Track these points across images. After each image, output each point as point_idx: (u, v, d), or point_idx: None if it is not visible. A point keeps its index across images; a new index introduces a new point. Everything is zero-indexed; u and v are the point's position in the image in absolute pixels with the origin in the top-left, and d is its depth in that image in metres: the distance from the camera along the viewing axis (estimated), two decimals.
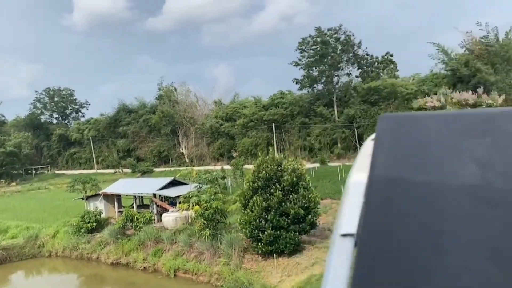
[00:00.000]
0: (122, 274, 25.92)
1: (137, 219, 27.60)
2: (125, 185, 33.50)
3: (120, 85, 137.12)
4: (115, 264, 26.57)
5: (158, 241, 25.93)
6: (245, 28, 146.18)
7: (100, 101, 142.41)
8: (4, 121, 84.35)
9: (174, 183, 31.11)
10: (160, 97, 72.59)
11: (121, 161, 70.07)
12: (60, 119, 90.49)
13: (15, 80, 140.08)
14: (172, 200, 29.57)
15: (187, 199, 26.58)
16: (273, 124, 58.37)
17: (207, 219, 22.81)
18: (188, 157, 67.42)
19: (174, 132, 69.53)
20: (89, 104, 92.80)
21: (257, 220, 20.70)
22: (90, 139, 76.53)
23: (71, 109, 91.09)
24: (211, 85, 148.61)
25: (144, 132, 71.45)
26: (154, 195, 29.78)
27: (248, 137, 60.86)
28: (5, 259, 28.97)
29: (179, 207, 27.56)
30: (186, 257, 23.86)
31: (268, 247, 20.71)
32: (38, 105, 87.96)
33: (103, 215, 30.58)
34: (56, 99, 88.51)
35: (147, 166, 63.68)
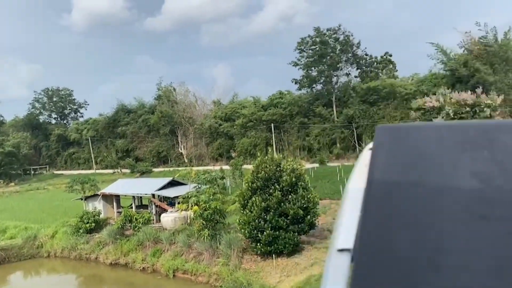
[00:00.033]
0: (121, 275, 25.89)
1: (136, 220, 27.59)
2: (124, 186, 33.47)
3: (119, 85, 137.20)
4: (114, 265, 26.54)
5: (157, 242, 25.92)
6: (244, 28, 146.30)
7: (99, 101, 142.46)
8: (3, 121, 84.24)
9: (173, 184, 31.12)
10: (159, 97, 72.49)
11: (120, 161, 69.98)
12: (59, 119, 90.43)
13: (14, 80, 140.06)
14: (171, 201, 29.54)
15: (186, 200, 26.56)
16: (272, 124, 58.34)
17: (206, 220, 22.79)
18: (187, 157, 67.38)
19: (173, 132, 69.47)
20: (88, 104, 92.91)
21: (256, 221, 20.67)
22: (89, 139, 76.45)
23: (70, 109, 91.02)
24: (210, 85, 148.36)
25: (143, 132, 71.37)
26: (153, 196, 29.75)
27: (247, 137, 60.82)
28: (4, 260, 28.92)
29: (178, 208, 27.53)
30: (185, 258, 23.85)
31: (267, 248, 20.69)
32: (37, 105, 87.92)
33: (102, 216, 30.57)
34: (55, 99, 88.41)
35: (146, 166, 63.60)
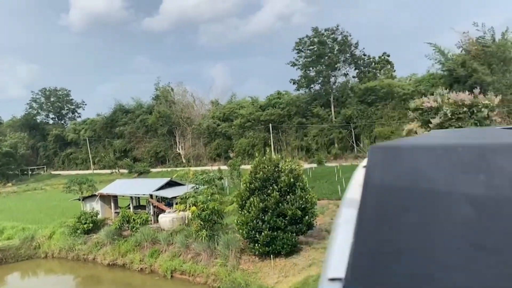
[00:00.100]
0: (119, 275, 25.83)
1: (134, 220, 27.56)
2: (122, 186, 33.42)
3: (117, 85, 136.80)
4: (112, 265, 26.50)
5: (155, 242, 25.89)
6: (242, 28, 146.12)
7: (97, 102, 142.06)
8: (0, 121, 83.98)
9: (171, 184, 31.10)
10: (157, 97, 72.32)
11: (118, 162, 69.80)
12: (56, 120, 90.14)
13: (12, 80, 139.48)
14: (169, 201, 29.50)
15: (184, 200, 26.55)
16: (270, 125, 58.31)
17: (204, 220, 22.76)
18: (185, 158, 67.28)
19: (171, 133, 69.36)
20: (86, 104, 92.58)
21: (254, 221, 20.66)
22: (87, 140, 76.25)
23: (67, 109, 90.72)
24: (208, 85, 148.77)
25: (141, 133, 71.23)
26: (151, 196, 29.71)
27: (245, 138, 60.77)
28: (1, 261, 28.86)
29: (176, 208, 27.51)
30: (183, 258, 23.83)
31: (265, 248, 20.68)
32: (34, 105, 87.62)
33: (100, 216, 30.52)
34: (52, 99, 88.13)
35: (144, 167, 63.50)
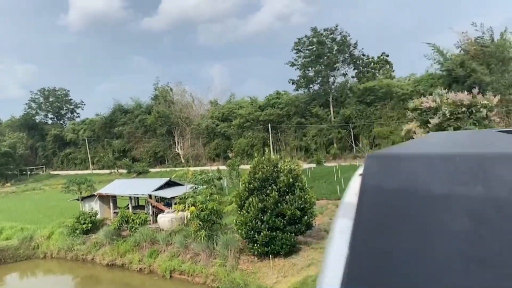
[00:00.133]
0: (118, 275, 25.81)
1: (133, 220, 27.54)
2: (121, 186, 33.39)
3: (116, 85, 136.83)
4: (111, 265, 26.47)
5: (154, 242, 25.87)
6: (241, 28, 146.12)
7: (95, 102, 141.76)
8: None
9: (170, 184, 31.08)
10: (156, 97, 72.28)
11: (117, 162, 69.77)
12: (55, 120, 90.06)
13: (10, 80, 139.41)
14: (168, 201, 29.49)
15: (183, 200, 26.53)
16: (269, 125, 58.30)
17: (203, 220, 22.75)
18: (184, 158, 67.24)
19: (170, 133, 69.33)
20: (84, 104, 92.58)
21: (253, 221, 20.66)
22: (86, 140, 76.17)
23: (66, 110, 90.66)
24: (207, 85, 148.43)
25: (140, 133, 71.19)
26: (150, 196, 29.70)
27: (244, 138, 60.77)
28: (0, 261, 28.79)
29: (175, 208, 27.50)
30: (182, 258, 23.81)
31: (264, 248, 20.67)
32: (33, 105, 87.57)
33: (99, 216, 30.49)
34: (51, 99, 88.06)
35: (143, 167, 63.48)
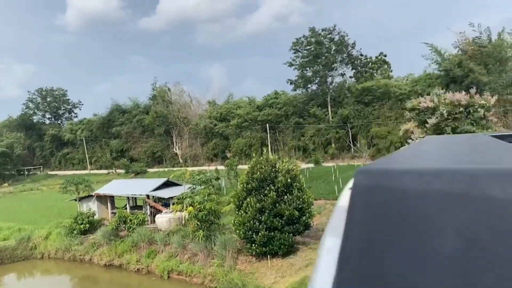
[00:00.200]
0: (115, 276, 25.76)
1: (131, 221, 27.49)
2: (119, 186, 33.31)
3: (114, 85, 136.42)
4: (108, 266, 26.42)
5: (152, 243, 25.83)
6: (240, 28, 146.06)
7: (93, 102, 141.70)
8: None
9: (168, 184, 31.04)
10: (154, 97, 72.16)
11: (115, 162, 69.65)
12: (53, 120, 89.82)
13: (7, 80, 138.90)
14: (166, 201, 29.45)
15: (181, 200, 26.50)
16: (267, 125, 58.31)
17: (201, 221, 22.73)
18: (182, 158, 67.19)
19: (168, 133, 69.25)
20: (82, 104, 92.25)
21: (251, 221, 20.64)
22: (83, 140, 76.04)
23: (64, 109, 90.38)
24: (205, 85, 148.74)
25: (138, 133, 71.08)
26: (148, 196, 29.64)
27: (242, 138, 60.75)
28: None
29: (173, 208, 27.47)
30: (180, 259, 23.78)
31: (262, 248, 20.66)
32: (31, 105, 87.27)
33: (96, 217, 30.41)
34: (49, 99, 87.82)
35: (141, 167, 63.39)
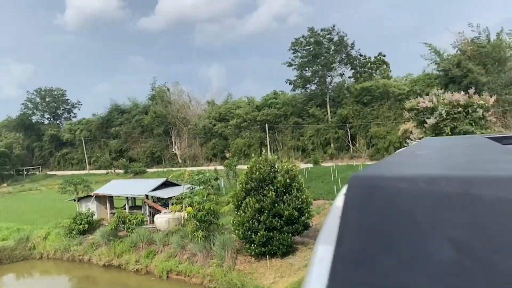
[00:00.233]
0: (114, 276, 25.74)
1: (129, 221, 27.46)
2: (117, 186, 33.29)
3: (113, 85, 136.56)
4: (107, 266, 26.38)
5: (151, 243, 25.81)
6: (239, 28, 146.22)
7: (92, 102, 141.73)
8: None
9: (167, 184, 31.04)
10: (153, 98, 72.15)
11: (114, 162, 69.65)
12: (52, 120, 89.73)
13: (6, 80, 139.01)
14: (165, 202, 29.44)
15: (180, 201, 26.49)
16: (266, 125, 58.31)
17: (200, 221, 22.72)
18: (181, 158, 67.18)
19: (167, 133, 69.24)
20: (81, 104, 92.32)
21: (250, 222, 20.63)
22: (82, 140, 76.00)
23: (63, 110, 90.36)
24: (204, 85, 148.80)
25: (137, 133, 71.06)
26: (147, 196, 29.63)
27: (241, 138, 60.75)
28: None
29: (172, 209, 27.44)
30: (179, 259, 23.76)
31: (261, 249, 20.65)
32: (30, 106, 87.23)
33: (95, 217, 30.38)
34: (48, 99, 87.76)
35: (140, 167, 63.34)
